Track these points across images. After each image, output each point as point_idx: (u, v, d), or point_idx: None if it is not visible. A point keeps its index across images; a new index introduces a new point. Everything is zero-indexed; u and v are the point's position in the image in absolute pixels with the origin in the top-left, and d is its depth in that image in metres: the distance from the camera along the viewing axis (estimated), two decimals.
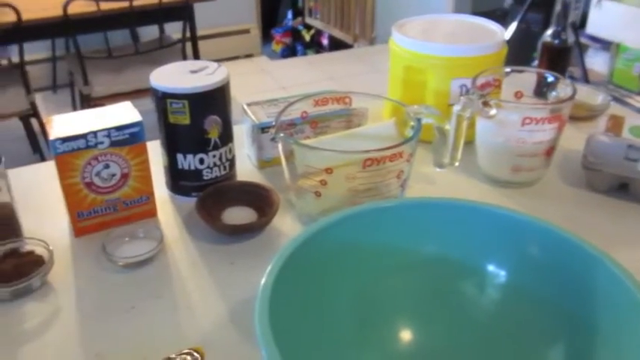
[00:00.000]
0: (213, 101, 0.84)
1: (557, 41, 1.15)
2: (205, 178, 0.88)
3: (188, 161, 0.86)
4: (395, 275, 0.61)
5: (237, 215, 0.85)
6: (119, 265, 0.77)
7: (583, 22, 2.77)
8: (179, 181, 0.89)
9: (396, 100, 0.88)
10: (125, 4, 2.73)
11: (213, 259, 0.79)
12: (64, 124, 0.78)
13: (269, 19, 5.27)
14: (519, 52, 2.43)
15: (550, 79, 0.94)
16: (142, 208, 0.85)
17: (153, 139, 0.92)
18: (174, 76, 0.84)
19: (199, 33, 3.25)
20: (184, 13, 3.00)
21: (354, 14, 4.80)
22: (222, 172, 0.89)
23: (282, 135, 0.77)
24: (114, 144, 0.78)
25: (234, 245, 0.81)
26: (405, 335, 0.60)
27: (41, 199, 0.90)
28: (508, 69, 0.97)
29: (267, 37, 5.26)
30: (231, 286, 0.74)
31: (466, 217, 0.60)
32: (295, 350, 0.48)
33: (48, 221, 0.86)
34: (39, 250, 0.76)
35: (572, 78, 2.49)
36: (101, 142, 0.77)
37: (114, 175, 0.80)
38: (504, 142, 0.89)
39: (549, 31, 1.16)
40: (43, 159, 3.07)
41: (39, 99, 3.72)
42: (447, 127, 0.84)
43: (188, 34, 3.09)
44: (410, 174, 0.80)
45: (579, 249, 0.53)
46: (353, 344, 0.58)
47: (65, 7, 2.62)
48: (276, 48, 5.30)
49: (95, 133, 0.76)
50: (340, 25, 4.97)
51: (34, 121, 2.95)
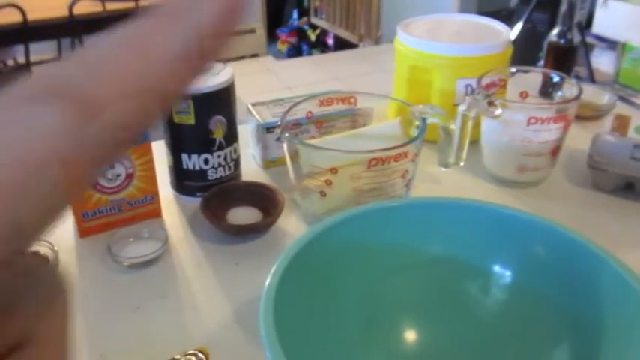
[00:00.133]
0: (218, 101, 0.84)
1: (562, 41, 1.15)
2: (210, 178, 0.88)
3: (193, 161, 0.86)
4: (400, 275, 0.61)
5: (242, 215, 0.85)
6: (124, 266, 0.77)
7: (589, 22, 2.76)
8: (184, 182, 0.89)
9: (401, 100, 0.88)
10: (131, 4, 2.74)
11: (218, 259, 0.79)
12: None
13: (274, 19, 5.28)
14: (525, 52, 2.43)
15: (556, 78, 0.94)
16: (147, 208, 0.85)
17: (158, 139, 0.92)
18: None
19: None
20: None
21: (359, 14, 4.80)
22: (227, 173, 0.89)
23: (287, 135, 0.77)
24: None
25: (239, 245, 0.81)
26: (411, 335, 0.60)
27: None
28: (513, 69, 0.96)
29: (272, 37, 5.27)
30: (236, 287, 0.74)
31: (471, 217, 0.60)
32: (300, 351, 0.48)
33: None
34: (44, 251, 0.76)
35: (578, 78, 2.49)
36: None
37: (119, 176, 0.80)
38: (510, 142, 0.89)
39: (555, 31, 1.16)
40: None
41: None
42: (453, 126, 0.84)
43: None
44: (415, 174, 0.80)
45: (584, 249, 0.53)
46: (358, 344, 0.58)
47: (71, 7, 2.63)
48: (282, 48, 5.30)
49: None
50: (346, 25, 4.97)
51: None
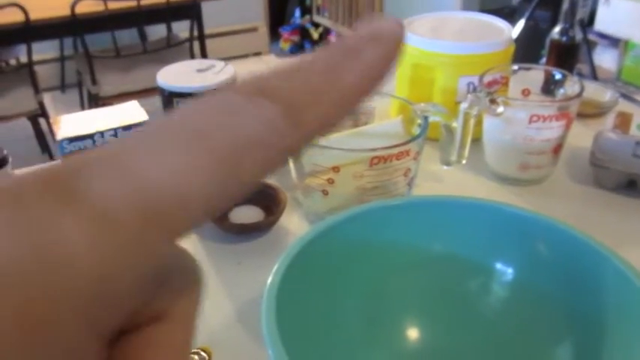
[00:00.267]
0: None
1: (564, 38, 1.15)
2: None
3: None
4: (403, 274, 0.61)
5: (244, 214, 0.85)
6: None
7: (591, 19, 2.76)
8: None
9: (403, 98, 0.88)
10: (133, 3, 2.74)
11: (220, 258, 0.79)
12: (71, 124, 0.78)
13: (277, 17, 5.27)
14: (528, 50, 2.43)
15: (558, 76, 0.94)
16: None
17: None
18: (180, 75, 0.85)
19: (207, 32, 3.26)
20: (192, 11, 3.01)
21: (362, 12, 4.80)
22: None
23: None
24: None
25: (241, 244, 0.81)
26: (413, 333, 0.60)
27: None
28: (515, 66, 0.96)
29: (275, 36, 5.26)
30: (239, 286, 0.74)
31: (473, 215, 0.60)
32: (302, 350, 0.48)
33: None
34: None
35: (580, 75, 2.48)
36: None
37: None
38: (512, 140, 0.89)
39: (557, 29, 1.16)
40: (51, 158, 3.09)
41: (47, 99, 3.73)
42: (454, 124, 0.84)
43: (196, 32, 3.10)
44: (417, 172, 0.80)
45: (586, 246, 0.53)
46: (361, 343, 0.58)
47: (73, 6, 2.63)
48: (285, 46, 5.29)
49: (102, 132, 0.76)
50: (348, 23, 4.96)
51: (42, 121, 2.96)
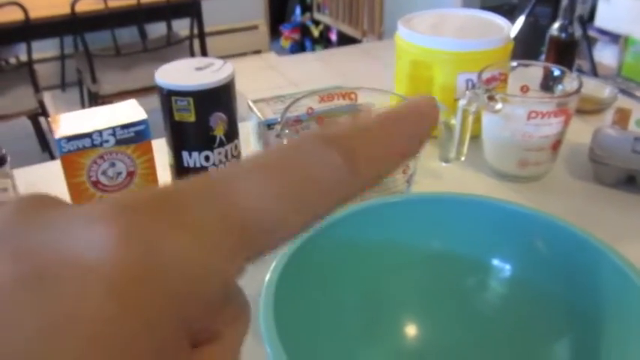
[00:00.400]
0: (218, 98, 0.84)
1: (564, 35, 1.15)
2: None
3: (194, 159, 0.86)
4: (401, 270, 0.61)
5: None
6: None
7: (592, 16, 2.76)
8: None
9: (402, 96, 0.88)
10: (133, 1, 2.74)
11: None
12: (69, 122, 0.78)
13: (277, 15, 5.28)
14: (528, 46, 2.42)
15: (556, 72, 0.94)
16: None
17: (159, 137, 0.92)
18: (179, 74, 0.84)
19: (207, 30, 3.26)
20: (192, 9, 3.01)
21: (362, 9, 4.80)
22: None
23: (287, 131, 0.77)
24: (119, 142, 0.78)
25: None
26: (412, 330, 0.60)
27: None
28: (514, 63, 0.96)
29: (275, 34, 5.26)
30: None
31: (472, 212, 0.60)
32: (301, 347, 0.48)
33: None
34: None
35: (580, 71, 2.48)
36: (106, 141, 0.77)
37: (120, 174, 0.80)
38: (510, 137, 0.89)
39: (556, 25, 1.16)
40: (52, 157, 3.09)
41: (48, 97, 3.74)
42: (453, 121, 0.84)
43: (196, 30, 3.10)
44: (416, 169, 0.80)
45: (585, 243, 0.53)
46: (359, 340, 0.58)
47: (73, 4, 2.63)
48: (285, 44, 5.30)
49: (100, 131, 0.76)
50: (349, 21, 4.96)
51: (42, 120, 2.96)
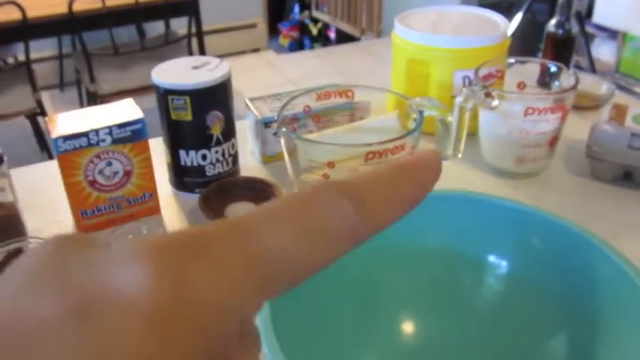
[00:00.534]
0: (214, 97, 0.84)
1: (561, 31, 1.15)
2: (208, 174, 0.88)
3: (191, 157, 0.86)
4: (397, 267, 0.61)
5: (241, 211, 0.85)
6: None
7: (590, 12, 2.76)
8: (182, 178, 0.89)
9: (399, 93, 0.88)
10: (130, 0, 2.74)
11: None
12: (66, 122, 0.78)
13: (276, 13, 5.27)
14: (526, 43, 2.43)
15: (553, 69, 0.94)
16: (146, 205, 0.85)
17: (156, 136, 0.92)
18: (175, 72, 0.85)
19: (205, 28, 3.26)
20: (190, 8, 3.01)
21: (361, 7, 4.79)
22: (225, 168, 0.89)
23: (284, 130, 0.77)
24: (116, 141, 0.78)
25: None
26: (407, 326, 0.60)
27: (46, 197, 0.91)
28: (511, 60, 0.96)
29: (274, 32, 5.26)
30: None
31: (468, 209, 0.60)
32: (297, 342, 0.48)
33: (52, 220, 0.86)
34: None
35: (578, 68, 2.48)
36: (103, 140, 0.77)
37: (117, 173, 0.80)
38: (508, 133, 0.89)
39: (553, 21, 1.15)
40: (50, 157, 3.08)
41: (46, 97, 3.73)
42: (450, 118, 0.84)
43: (194, 29, 3.09)
44: None
45: (581, 239, 0.53)
46: (355, 336, 0.58)
47: (70, 4, 2.63)
48: (284, 42, 5.29)
49: (97, 131, 0.76)
50: (347, 19, 4.96)
51: (41, 120, 2.96)
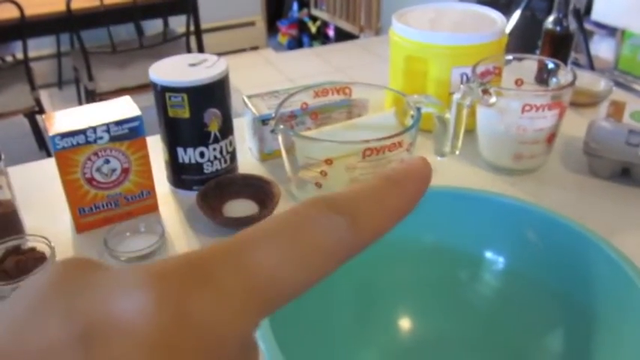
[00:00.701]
0: (212, 94, 0.84)
1: (558, 28, 1.14)
2: (206, 171, 0.88)
3: (189, 155, 0.86)
4: (394, 264, 0.61)
5: (239, 208, 0.86)
6: (121, 260, 0.77)
7: (588, 9, 2.75)
8: (180, 175, 0.89)
9: (396, 90, 0.88)
10: None
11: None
12: (63, 119, 0.78)
13: (274, 11, 5.27)
14: (524, 40, 2.42)
15: (551, 66, 0.94)
16: (144, 202, 0.85)
17: (154, 133, 0.92)
18: (173, 70, 0.84)
19: (204, 26, 3.25)
20: (188, 6, 3.00)
21: (359, 5, 4.79)
22: (223, 165, 0.89)
23: (281, 127, 0.77)
24: (113, 139, 0.78)
25: None
26: (405, 324, 0.60)
27: (44, 195, 0.91)
28: (509, 57, 0.96)
29: (272, 30, 5.26)
30: None
31: (465, 205, 0.60)
32: (294, 341, 0.48)
33: (50, 218, 0.86)
34: (40, 247, 0.76)
35: (577, 65, 2.48)
36: (100, 138, 0.77)
37: (114, 171, 0.80)
38: (505, 130, 0.89)
39: (551, 18, 1.15)
40: (49, 155, 3.08)
41: (45, 95, 3.73)
42: (447, 115, 0.84)
43: (192, 27, 3.09)
44: None
45: (578, 235, 0.53)
46: (353, 333, 0.58)
47: (68, 2, 2.63)
48: (283, 40, 5.29)
49: (94, 128, 0.76)
50: (346, 16, 4.96)
51: (39, 118, 2.96)
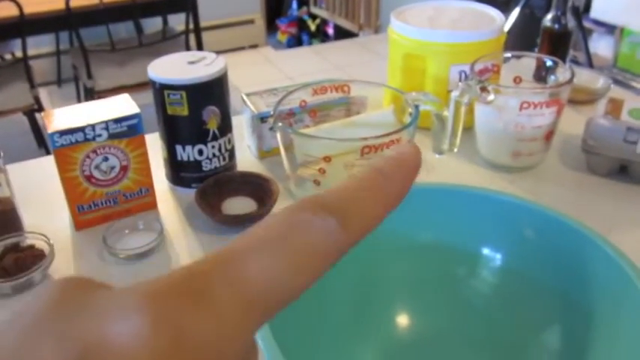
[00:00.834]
0: (211, 92, 0.84)
1: (557, 26, 1.14)
2: (205, 169, 0.88)
3: (187, 152, 0.86)
4: (392, 261, 0.61)
5: (237, 206, 0.86)
6: (120, 258, 0.77)
7: (587, 7, 2.75)
8: (179, 173, 0.89)
9: (395, 88, 0.88)
10: None
11: (213, 249, 0.79)
12: (62, 117, 0.78)
13: (274, 9, 5.26)
14: (523, 38, 2.42)
15: (549, 63, 0.94)
16: (142, 200, 0.85)
17: (152, 131, 0.92)
18: (172, 68, 0.85)
19: (203, 24, 3.25)
20: (188, 4, 3.00)
21: (359, 3, 4.79)
22: (222, 163, 0.89)
23: (280, 124, 0.77)
24: (112, 136, 0.78)
25: (234, 236, 0.80)
26: (403, 321, 0.61)
27: (43, 193, 0.91)
28: (507, 54, 0.96)
29: (272, 28, 5.25)
30: None
31: (463, 202, 0.60)
32: (292, 337, 0.48)
33: (49, 215, 0.86)
34: (39, 244, 0.77)
35: (576, 63, 2.48)
36: (99, 135, 0.77)
37: (113, 168, 0.80)
38: (503, 128, 0.89)
39: (549, 16, 1.15)
40: (48, 153, 3.08)
41: (44, 93, 3.73)
42: (446, 113, 0.84)
43: (192, 25, 3.09)
44: None
45: (576, 232, 0.53)
46: (350, 330, 0.58)
47: (67, 0, 2.62)
48: (282, 38, 5.29)
49: (93, 126, 0.76)
50: (345, 14, 4.95)
51: (39, 116, 2.95)
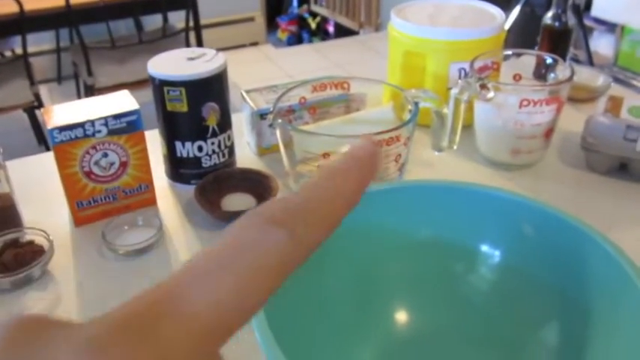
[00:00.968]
0: (210, 88, 0.84)
1: (557, 24, 1.14)
2: (204, 165, 0.88)
3: (187, 149, 0.86)
4: (391, 258, 0.61)
5: (237, 202, 0.86)
6: (119, 254, 0.77)
7: (588, 5, 2.75)
8: (178, 169, 0.89)
9: (394, 85, 0.88)
10: None
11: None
12: (62, 113, 0.78)
13: (274, 7, 5.26)
14: (524, 36, 2.42)
15: (549, 61, 0.94)
16: (142, 196, 0.85)
17: (152, 127, 0.92)
18: (171, 64, 0.85)
19: (204, 22, 3.25)
20: (188, 1, 3.00)
21: (359, 1, 4.79)
22: (221, 160, 0.89)
23: (279, 121, 0.77)
24: (112, 132, 0.78)
25: None
26: (402, 317, 0.61)
27: (42, 189, 0.91)
28: (507, 52, 0.96)
29: (272, 26, 5.25)
30: None
31: (462, 199, 0.60)
32: (292, 334, 0.48)
33: (49, 211, 0.86)
34: (39, 240, 0.77)
35: (577, 61, 2.48)
36: (99, 131, 0.77)
37: (113, 164, 0.80)
38: (503, 125, 0.89)
39: (549, 14, 1.15)
40: (48, 150, 3.08)
41: (44, 90, 3.73)
42: (445, 110, 0.84)
43: (192, 22, 3.08)
44: (408, 158, 0.80)
45: (575, 229, 0.53)
46: (350, 327, 0.58)
47: None
48: (282, 36, 5.28)
49: (92, 121, 0.76)
50: (346, 12, 4.95)
51: (39, 113, 2.95)
